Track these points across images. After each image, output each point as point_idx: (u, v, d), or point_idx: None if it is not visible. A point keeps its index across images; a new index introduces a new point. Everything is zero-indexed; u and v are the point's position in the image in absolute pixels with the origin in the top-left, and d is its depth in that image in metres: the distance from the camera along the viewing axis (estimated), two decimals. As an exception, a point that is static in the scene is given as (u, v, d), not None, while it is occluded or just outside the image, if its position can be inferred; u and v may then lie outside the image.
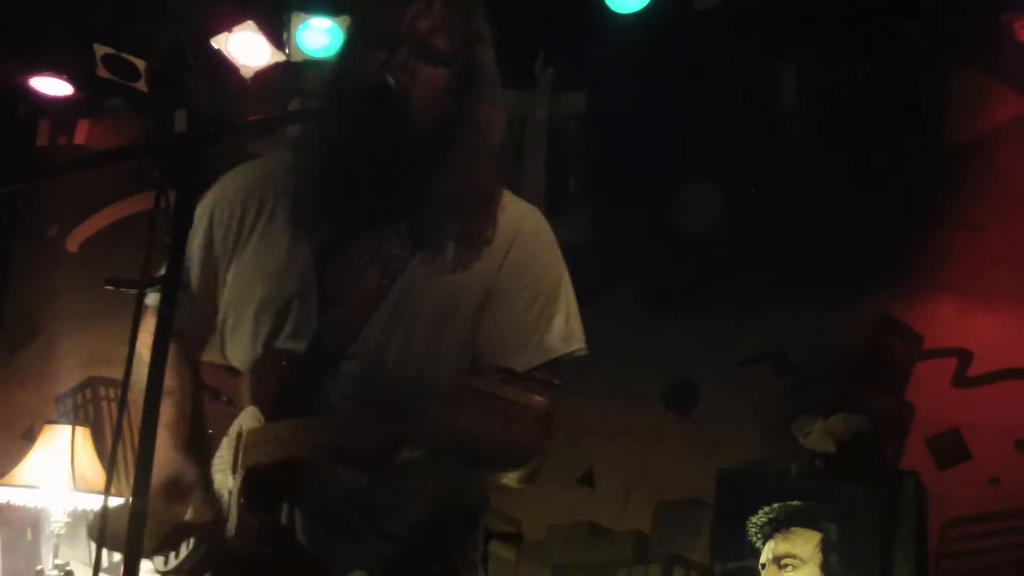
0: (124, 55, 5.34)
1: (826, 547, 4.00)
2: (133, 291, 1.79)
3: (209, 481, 2.26)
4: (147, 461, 1.70)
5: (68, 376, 5.99)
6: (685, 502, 4.82)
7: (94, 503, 5.20)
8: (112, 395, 5.89)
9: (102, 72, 5.41)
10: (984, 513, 4.44)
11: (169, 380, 2.37)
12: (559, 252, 2.35)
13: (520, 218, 2.33)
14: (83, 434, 5.35)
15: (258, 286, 2.31)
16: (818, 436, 4.32)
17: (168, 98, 5.73)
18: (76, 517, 5.31)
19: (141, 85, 5.46)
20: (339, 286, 2.26)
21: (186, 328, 2.41)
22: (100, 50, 5.33)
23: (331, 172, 2.28)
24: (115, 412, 5.89)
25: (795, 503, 4.07)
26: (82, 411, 5.93)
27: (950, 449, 4.53)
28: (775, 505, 4.09)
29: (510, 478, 2.26)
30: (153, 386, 1.71)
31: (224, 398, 2.32)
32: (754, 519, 4.10)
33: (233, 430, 2.25)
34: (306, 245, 2.28)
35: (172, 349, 2.38)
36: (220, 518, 2.20)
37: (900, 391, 4.66)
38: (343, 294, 2.25)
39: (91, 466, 5.26)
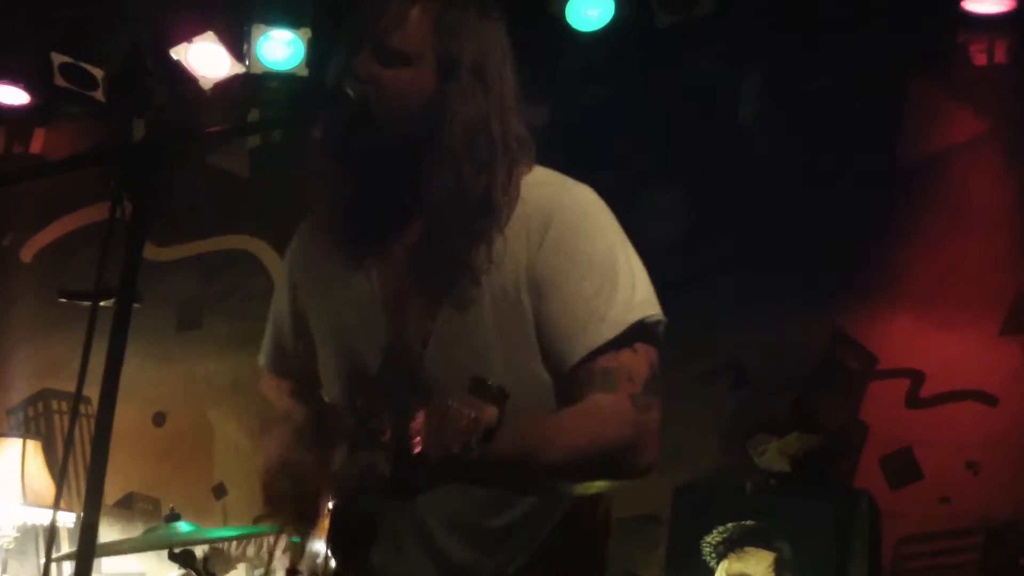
0: (82, 64, 5.31)
1: (780, 566, 4.02)
2: (86, 303, 1.77)
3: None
4: (99, 475, 1.68)
5: (19, 388, 5.92)
6: (640, 519, 4.82)
7: (44, 518, 5.15)
8: (65, 408, 5.82)
9: (59, 81, 5.36)
10: (936, 532, 4.48)
11: (284, 406, 2.44)
12: (611, 221, 2.23)
13: (555, 197, 2.20)
14: (34, 447, 5.29)
15: (332, 328, 2.32)
16: (773, 455, 4.34)
17: (126, 108, 5.70)
18: (25, 532, 5.25)
19: (99, 94, 5.42)
20: (394, 307, 2.22)
21: (292, 376, 2.49)
22: (58, 59, 5.29)
23: (336, 191, 2.25)
24: (67, 425, 5.82)
25: (749, 522, 4.08)
26: (33, 424, 5.86)
27: (903, 468, 4.56)
28: (729, 524, 4.10)
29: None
30: (107, 398, 1.69)
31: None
32: (708, 538, 4.11)
33: None
34: (355, 274, 2.26)
35: (289, 384, 2.48)
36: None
37: (854, 410, 4.69)
38: (399, 318, 2.21)
39: (42, 480, 5.20)
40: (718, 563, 4.11)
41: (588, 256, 2.14)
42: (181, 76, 5.28)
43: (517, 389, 1.84)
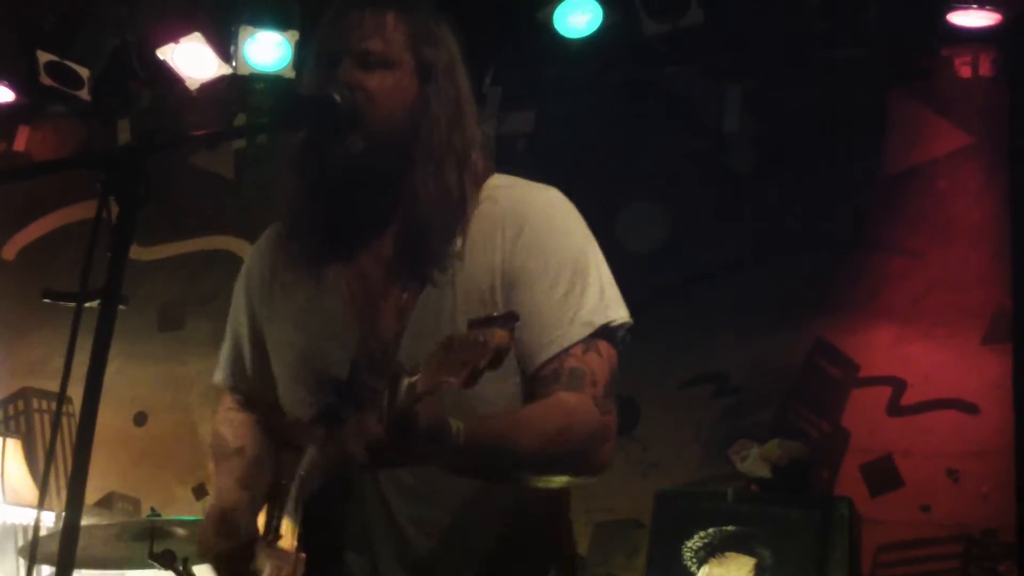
0: (68, 63, 5.29)
1: (760, 572, 4.03)
2: (70, 304, 1.77)
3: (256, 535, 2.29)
4: (81, 475, 1.68)
5: (0, 386, 5.90)
6: (622, 523, 4.84)
7: (24, 517, 5.13)
8: (46, 407, 5.80)
9: (45, 79, 5.34)
10: (916, 539, 4.51)
11: (239, 440, 2.42)
12: (580, 223, 2.28)
13: (527, 199, 2.26)
14: (14, 446, 5.27)
15: (293, 335, 2.32)
16: (754, 461, 4.36)
17: (111, 107, 5.68)
18: (5, 530, 5.23)
19: (84, 93, 5.41)
20: (365, 311, 2.26)
21: (252, 395, 2.47)
22: (43, 57, 5.28)
23: (311, 199, 2.27)
24: (48, 424, 5.80)
25: (730, 527, 4.09)
26: (14, 422, 5.84)
27: (883, 476, 4.58)
28: (710, 530, 4.11)
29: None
30: (90, 400, 1.69)
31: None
32: (689, 543, 4.12)
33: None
34: (322, 279, 2.28)
35: (246, 417, 2.46)
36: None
37: (836, 417, 4.71)
38: (370, 317, 2.25)
39: (22, 479, 5.19)
40: (699, 568, 4.12)
41: (560, 257, 2.19)
42: (167, 76, 5.27)
43: (485, 384, 1.86)
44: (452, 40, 2.32)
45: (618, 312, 2.22)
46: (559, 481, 2.20)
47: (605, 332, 2.19)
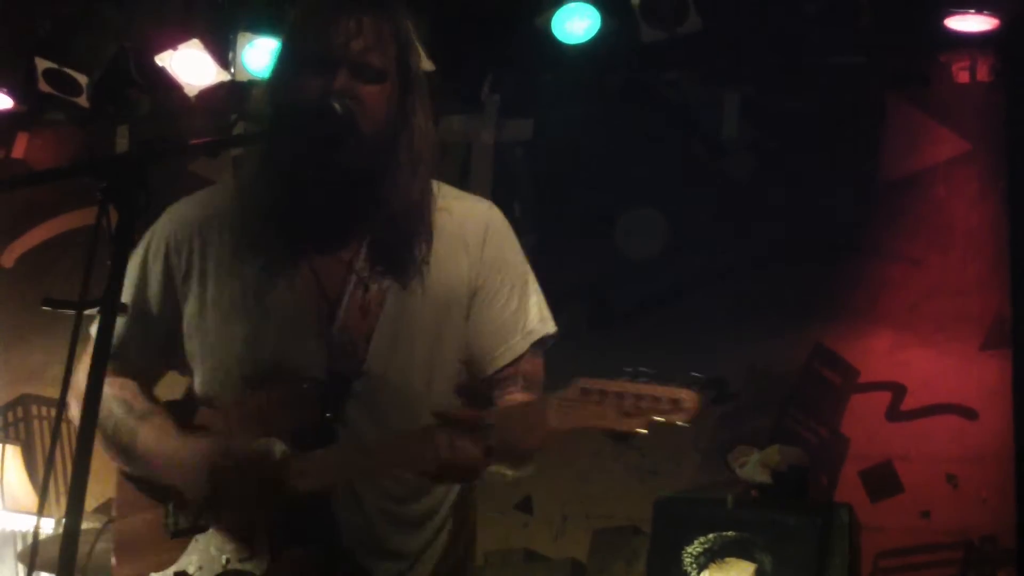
0: (66, 69, 5.29)
1: (760, 577, 4.03)
2: (70, 312, 1.77)
3: None
4: (81, 481, 1.69)
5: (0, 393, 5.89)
6: (622, 530, 4.83)
7: (23, 523, 5.12)
8: (45, 414, 5.79)
9: (43, 86, 5.34)
10: (916, 545, 4.50)
11: (145, 403, 2.38)
12: (517, 240, 2.48)
13: (484, 213, 2.44)
14: (14, 452, 5.27)
15: (237, 321, 2.32)
16: (754, 467, 4.35)
17: (110, 114, 5.68)
18: (4, 537, 5.22)
19: (83, 100, 5.40)
20: (331, 310, 2.30)
21: (141, 362, 2.42)
22: (42, 64, 5.28)
23: (282, 196, 2.30)
24: (48, 431, 5.80)
25: (730, 533, 4.09)
26: (13, 429, 5.83)
27: (883, 482, 4.58)
28: (710, 535, 4.11)
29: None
30: (90, 406, 1.69)
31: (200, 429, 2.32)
32: (689, 549, 4.12)
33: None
34: (281, 271, 2.31)
35: (132, 384, 2.39)
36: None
37: (835, 423, 4.71)
38: (336, 318, 2.30)
39: (21, 485, 5.18)
40: (699, 573, 4.12)
41: (513, 273, 2.43)
42: (166, 83, 5.27)
43: (438, 382, 2.32)
44: (415, 35, 2.37)
45: (552, 325, 2.45)
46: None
47: (541, 340, 2.44)
